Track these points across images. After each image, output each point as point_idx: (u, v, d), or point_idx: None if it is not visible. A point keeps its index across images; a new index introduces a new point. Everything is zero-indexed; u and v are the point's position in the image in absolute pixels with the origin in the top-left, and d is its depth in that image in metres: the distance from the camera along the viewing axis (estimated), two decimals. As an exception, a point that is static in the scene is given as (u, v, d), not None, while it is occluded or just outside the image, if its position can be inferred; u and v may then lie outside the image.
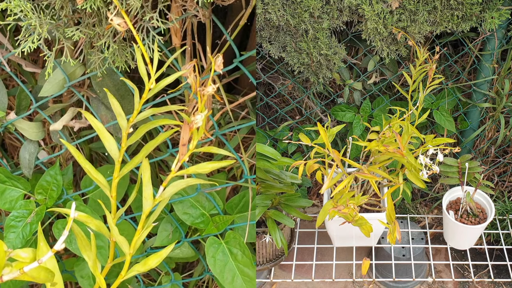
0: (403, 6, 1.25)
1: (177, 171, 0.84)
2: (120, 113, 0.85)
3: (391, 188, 1.09)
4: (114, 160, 0.87)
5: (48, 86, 1.14)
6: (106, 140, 0.86)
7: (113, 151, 0.86)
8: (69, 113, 1.23)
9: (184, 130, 0.80)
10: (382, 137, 1.12)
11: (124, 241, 0.88)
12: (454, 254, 1.77)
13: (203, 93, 0.79)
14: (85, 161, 0.86)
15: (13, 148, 1.52)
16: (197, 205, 1.22)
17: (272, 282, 1.70)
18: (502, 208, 1.59)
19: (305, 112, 1.70)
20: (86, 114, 0.86)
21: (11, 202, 1.27)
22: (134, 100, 0.86)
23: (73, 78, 1.15)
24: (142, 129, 0.86)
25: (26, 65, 1.22)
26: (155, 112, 0.87)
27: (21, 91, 1.23)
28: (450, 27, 1.27)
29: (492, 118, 1.58)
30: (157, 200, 0.86)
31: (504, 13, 1.23)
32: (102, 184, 0.87)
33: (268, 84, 1.71)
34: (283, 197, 1.30)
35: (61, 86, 1.15)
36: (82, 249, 0.89)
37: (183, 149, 0.81)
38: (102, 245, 1.20)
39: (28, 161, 1.28)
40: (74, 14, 0.98)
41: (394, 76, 1.55)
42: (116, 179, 0.87)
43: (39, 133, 1.27)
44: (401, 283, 1.68)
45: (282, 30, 1.38)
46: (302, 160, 1.09)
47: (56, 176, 1.28)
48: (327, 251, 1.66)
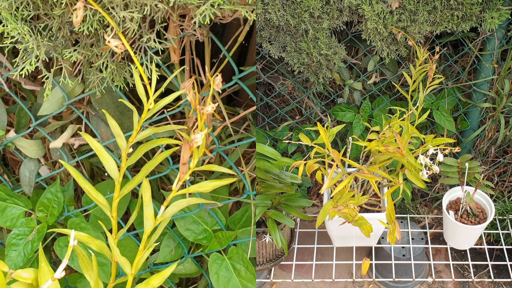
0: (403, 6, 1.25)
1: (178, 190, 0.84)
2: (119, 134, 0.85)
3: (391, 188, 1.09)
4: (114, 180, 0.86)
5: (48, 105, 1.14)
6: (105, 160, 0.86)
7: (113, 171, 0.86)
8: (68, 130, 1.23)
9: (184, 149, 0.80)
10: (382, 137, 1.12)
11: (125, 261, 0.87)
12: (454, 254, 1.77)
13: (203, 112, 0.79)
14: (84, 182, 0.86)
15: (14, 162, 1.52)
16: (200, 221, 1.21)
17: (272, 282, 1.70)
18: (502, 208, 1.59)
19: (305, 112, 1.70)
20: (84, 135, 0.86)
21: (12, 220, 1.26)
22: (134, 120, 0.85)
23: (72, 96, 1.15)
24: (141, 149, 0.86)
25: (25, 83, 1.22)
26: (155, 132, 0.87)
27: (20, 109, 1.23)
28: (450, 27, 1.27)
29: (492, 118, 1.58)
30: (158, 220, 0.86)
31: (504, 13, 1.23)
32: (102, 204, 0.87)
33: (268, 84, 1.71)
34: (283, 197, 1.29)
35: (61, 104, 1.15)
36: (84, 268, 0.88)
37: (183, 168, 0.81)
38: (105, 262, 1.19)
39: (28, 179, 1.29)
40: (72, 35, 0.98)
41: (394, 76, 1.55)
42: (116, 199, 0.87)
43: (39, 151, 1.27)
44: (401, 283, 1.68)
45: (282, 30, 1.38)
46: (302, 160, 1.08)
47: (57, 193, 1.28)
48: (327, 251, 1.66)
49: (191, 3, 0.81)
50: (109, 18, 0.83)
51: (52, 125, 1.24)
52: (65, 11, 0.92)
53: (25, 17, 0.92)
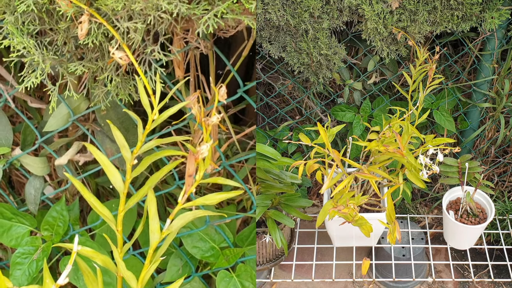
0: (403, 6, 1.25)
1: (184, 203, 0.83)
2: (124, 145, 0.85)
3: (391, 188, 1.09)
4: (119, 193, 0.86)
5: (53, 121, 1.14)
6: (111, 173, 0.85)
7: (118, 184, 0.86)
8: (74, 147, 1.23)
9: (189, 161, 0.79)
10: (382, 137, 1.12)
11: (131, 276, 0.87)
12: (454, 254, 1.77)
13: (208, 123, 0.79)
14: (90, 195, 0.86)
15: (19, 184, 1.51)
16: (207, 238, 1.20)
17: (272, 282, 1.70)
18: (502, 208, 1.59)
19: (305, 112, 1.70)
20: (90, 147, 0.85)
21: (17, 239, 1.26)
22: (138, 131, 0.85)
23: (77, 112, 1.14)
24: (146, 160, 0.85)
25: (32, 101, 1.22)
26: (160, 143, 0.86)
27: (26, 126, 1.23)
28: (450, 27, 1.27)
29: (492, 118, 1.58)
30: (164, 233, 0.85)
31: (504, 13, 1.23)
32: (107, 218, 0.86)
33: (268, 84, 1.71)
34: (283, 197, 1.29)
35: (66, 120, 1.15)
36: (89, 285, 0.88)
37: (189, 180, 0.80)
38: (110, 282, 1.18)
39: (33, 197, 1.28)
40: (77, 49, 0.98)
41: (394, 76, 1.55)
42: (121, 212, 0.86)
43: (44, 168, 1.26)
44: (401, 283, 1.68)
45: (282, 30, 1.38)
46: (302, 160, 1.08)
47: (62, 211, 1.27)
48: (327, 251, 1.66)
49: (195, 13, 0.82)
50: (113, 31, 0.83)
51: (58, 142, 1.23)
52: (71, 25, 0.92)
53: (31, 31, 0.92)
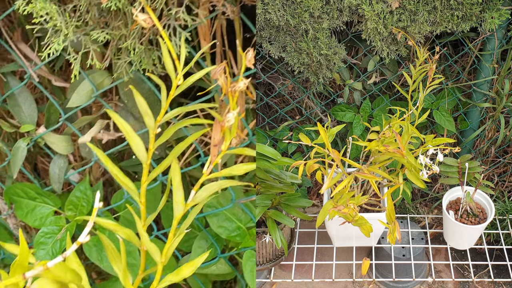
0: (403, 6, 1.25)
1: (208, 174, 0.80)
2: (147, 112, 0.81)
3: (391, 188, 1.09)
4: (142, 163, 0.83)
5: (76, 97, 1.13)
6: (134, 142, 0.82)
7: (141, 153, 0.83)
8: (97, 125, 1.22)
9: (215, 130, 0.75)
10: (382, 137, 1.12)
11: (155, 249, 0.84)
12: (454, 254, 1.77)
13: (235, 89, 0.75)
14: (113, 166, 0.83)
15: (44, 172, 1.52)
16: (233, 218, 1.18)
17: (272, 282, 1.70)
18: (502, 208, 1.59)
19: (305, 112, 1.70)
20: (113, 115, 0.82)
21: (41, 219, 1.25)
22: (162, 97, 0.81)
23: (100, 88, 1.13)
24: (170, 129, 0.81)
25: (56, 80, 1.22)
26: (184, 111, 0.83)
27: (50, 105, 1.22)
28: (450, 27, 1.27)
29: (492, 118, 1.58)
30: (189, 205, 0.82)
31: (504, 13, 1.23)
32: (130, 189, 0.84)
33: (268, 84, 1.71)
34: (283, 197, 1.29)
35: (89, 97, 1.14)
36: (112, 260, 0.86)
37: (214, 150, 0.77)
38: (134, 263, 1.17)
39: (57, 176, 1.27)
40: (100, 18, 0.96)
41: (394, 76, 1.55)
42: (144, 183, 0.83)
43: (68, 147, 1.25)
44: (401, 283, 1.68)
45: (282, 30, 1.38)
46: (302, 160, 1.08)
47: (86, 191, 1.26)
48: (327, 251, 1.66)
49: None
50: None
51: (81, 120, 1.22)
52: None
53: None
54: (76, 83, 1.13)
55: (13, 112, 1.22)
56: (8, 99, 1.21)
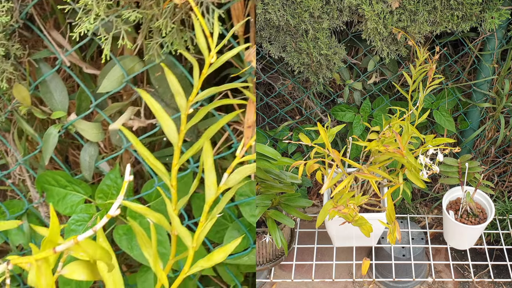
0: (403, 6, 1.25)
1: (241, 157, 0.78)
2: (179, 91, 0.79)
3: (391, 188, 1.09)
4: (173, 145, 0.80)
5: (107, 83, 1.12)
6: (165, 123, 0.80)
7: (172, 135, 0.80)
8: (128, 112, 1.21)
9: (249, 111, 0.73)
10: (382, 137, 1.12)
11: (186, 233, 0.82)
12: (454, 254, 1.77)
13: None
14: (143, 148, 0.81)
15: (75, 164, 1.52)
16: None
17: (272, 282, 1.70)
18: (502, 208, 1.59)
19: (305, 112, 1.70)
20: (143, 94, 0.80)
21: (72, 207, 1.25)
22: (194, 76, 0.78)
23: (131, 74, 1.12)
24: (203, 110, 0.79)
25: (87, 67, 1.22)
26: (217, 91, 0.80)
27: (81, 92, 1.22)
28: (450, 27, 1.27)
29: (492, 118, 1.58)
30: (221, 188, 0.79)
31: (504, 13, 1.23)
32: (161, 172, 0.81)
33: (268, 84, 1.71)
34: (283, 197, 1.29)
35: (120, 82, 1.12)
36: (142, 246, 0.85)
37: (248, 132, 0.74)
38: (164, 252, 1.15)
39: (88, 163, 1.27)
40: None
41: (394, 76, 1.55)
42: (175, 166, 0.80)
43: (99, 134, 1.24)
44: (401, 283, 1.68)
45: (282, 30, 1.38)
46: (302, 160, 1.08)
47: (116, 179, 1.25)
48: (327, 251, 1.66)
49: None
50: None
51: (111, 107, 1.22)
52: None
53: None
54: (106, 69, 1.12)
55: (44, 99, 1.22)
56: (40, 85, 1.21)
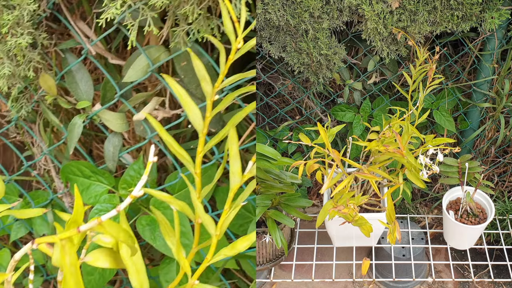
0: (403, 6, 1.25)
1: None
2: (205, 77, 0.78)
3: (391, 188, 1.09)
4: (198, 132, 0.79)
5: (132, 72, 1.12)
6: (190, 109, 0.79)
7: (197, 121, 0.79)
8: (152, 102, 1.21)
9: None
10: (382, 137, 1.12)
11: (210, 221, 0.81)
12: (454, 254, 1.77)
13: None
14: (167, 135, 0.80)
15: (99, 158, 1.52)
16: None
17: (272, 282, 1.70)
18: (502, 208, 1.59)
19: (305, 112, 1.70)
20: (168, 79, 0.79)
21: (96, 197, 1.25)
22: (220, 62, 0.77)
23: (156, 63, 1.12)
24: (229, 96, 0.78)
25: (112, 58, 1.22)
26: (242, 77, 0.79)
27: (106, 82, 1.22)
28: (450, 27, 1.27)
29: (492, 118, 1.58)
30: (246, 176, 0.79)
31: (504, 13, 1.23)
32: (185, 159, 0.81)
33: (268, 84, 1.71)
34: (283, 197, 1.29)
35: (145, 72, 1.12)
36: (165, 235, 0.85)
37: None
38: (187, 243, 1.15)
39: (112, 154, 1.27)
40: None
41: (394, 76, 1.55)
42: (200, 153, 0.80)
43: (123, 125, 1.24)
44: (401, 283, 1.68)
45: (282, 30, 1.38)
46: (302, 160, 1.08)
47: (140, 170, 1.24)
48: (327, 251, 1.66)
49: None
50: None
51: (136, 97, 1.22)
52: None
53: None
54: (131, 59, 1.13)
55: (70, 89, 1.23)
56: (66, 76, 1.22)
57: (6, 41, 1.10)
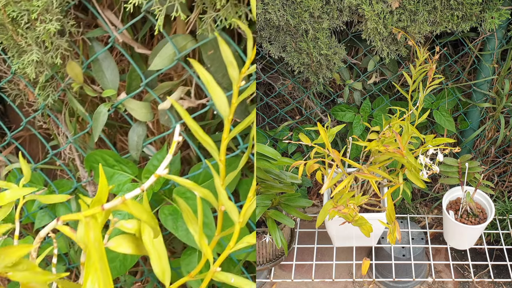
0: (403, 6, 1.25)
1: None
2: (232, 62, 0.77)
3: (391, 188, 1.09)
4: (224, 118, 0.79)
5: (158, 60, 1.12)
6: (216, 95, 0.78)
7: (223, 107, 0.78)
8: (178, 92, 1.21)
9: None
10: (382, 137, 1.12)
11: (233, 207, 0.81)
12: (454, 254, 1.77)
13: None
14: (192, 121, 0.80)
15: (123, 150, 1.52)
16: None
17: (272, 282, 1.70)
18: (502, 208, 1.59)
19: (305, 112, 1.70)
20: (195, 63, 0.78)
21: (119, 186, 1.26)
22: (248, 45, 0.77)
23: (183, 52, 1.12)
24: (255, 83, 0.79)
25: (138, 47, 1.22)
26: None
27: (132, 70, 1.22)
28: (450, 27, 1.27)
29: (492, 118, 1.58)
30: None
31: (504, 13, 1.23)
32: (210, 146, 0.80)
33: (268, 84, 1.71)
34: (283, 197, 1.29)
35: (171, 60, 1.12)
36: (188, 222, 0.85)
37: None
38: (210, 235, 1.14)
39: (136, 143, 1.27)
40: None
41: (394, 76, 1.55)
42: (225, 140, 0.79)
43: (148, 114, 1.24)
44: (401, 283, 1.68)
45: (282, 30, 1.38)
46: (302, 160, 1.08)
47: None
48: (327, 251, 1.66)
49: None
50: None
51: (161, 86, 1.21)
52: None
53: None
54: (158, 47, 1.13)
55: (96, 77, 1.23)
56: (92, 64, 1.22)
57: (35, 28, 1.10)
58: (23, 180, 1.05)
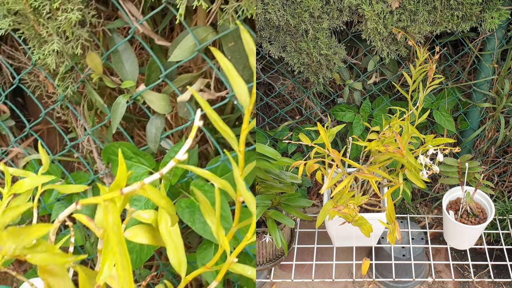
0: (403, 6, 1.25)
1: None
2: (253, 50, 0.77)
3: (391, 188, 1.09)
4: (244, 108, 0.78)
5: (178, 52, 1.12)
6: (237, 84, 0.77)
7: (243, 97, 0.77)
8: (197, 83, 1.20)
9: None
10: (382, 137, 1.12)
11: (251, 198, 0.81)
12: (454, 254, 1.77)
13: None
14: (212, 111, 0.79)
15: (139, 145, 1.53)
16: None
17: (272, 282, 1.70)
18: (502, 208, 1.59)
19: (305, 112, 1.70)
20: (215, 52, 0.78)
21: (136, 178, 1.25)
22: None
23: (203, 43, 1.12)
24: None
25: (158, 39, 1.22)
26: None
27: (152, 63, 1.22)
28: (450, 27, 1.27)
29: (492, 118, 1.58)
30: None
31: (504, 13, 1.23)
32: (229, 136, 0.79)
33: (268, 84, 1.71)
34: (283, 197, 1.29)
35: (191, 51, 1.12)
36: (205, 214, 0.84)
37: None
38: (227, 227, 1.14)
39: (154, 135, 1.27)
40: None
41: (394, 76, 1.55)
42: (245, 130, 0.78)
43: (166, 106, 1.24)
44: (401, 283, 1.68)
45: (282, 30, 1.38)
46: (302, 160, 1.08)
47: None
48: (327, 251, 1.66)
49: None
50: None
51: (181, 78, 1.21)
52: None
53: None
54: (178, 39, 1.13)
55: (116, 68, 1.23)
56: (112, 55, 1.22)
57: (56, 17, 1.10)
58: (42, 169, 1.05)
